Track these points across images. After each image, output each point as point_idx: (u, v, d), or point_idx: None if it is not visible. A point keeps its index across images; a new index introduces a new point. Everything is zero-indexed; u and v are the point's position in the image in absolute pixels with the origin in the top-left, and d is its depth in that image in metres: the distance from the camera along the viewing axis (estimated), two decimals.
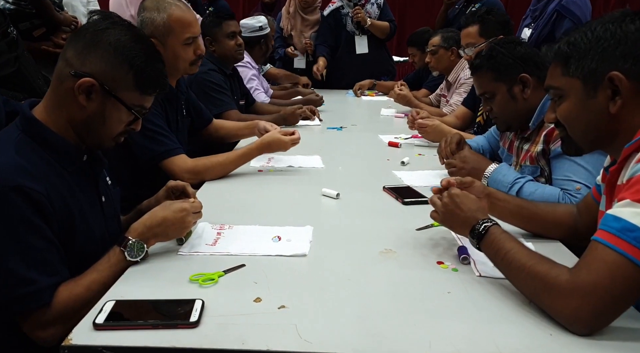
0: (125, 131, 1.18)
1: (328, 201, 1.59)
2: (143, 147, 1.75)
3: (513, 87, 1.61)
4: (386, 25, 4.07)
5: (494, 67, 1.62)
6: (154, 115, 1.77)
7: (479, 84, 1.68)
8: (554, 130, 1.53)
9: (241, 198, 1.60)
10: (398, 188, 1.67)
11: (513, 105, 1.62)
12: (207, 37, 2.70)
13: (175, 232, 1.19)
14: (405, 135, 2.51)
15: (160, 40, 1.77)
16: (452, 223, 1.17)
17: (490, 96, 1.65)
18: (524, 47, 1.62)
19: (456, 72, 3.08)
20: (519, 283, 0.98)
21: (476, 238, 1.07)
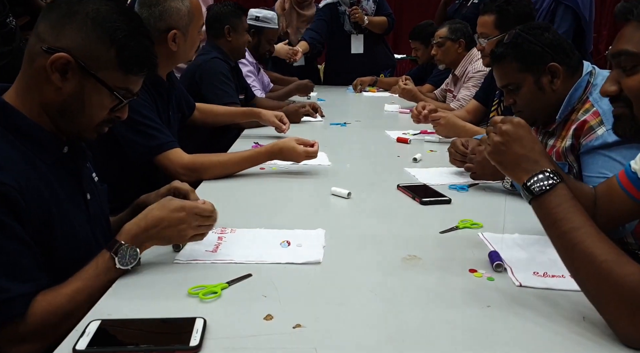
0: (109, 119, 1.03)
1: (339, 201, 1.45)
2: (134, 142, 1.61)
3: (541, 77, 1.46)
4: (384, 20, 3.95)
5: (519, 56, 1.46)
6: (144, 107, 1.63)
7: (502, 74, 1.52)
8: (585, 123, 1.39)
9: (243, 199, 1.46)
10: (414, 187, 1.53)
11: (541, 98, 1.47)
12: (227, 26, 2.61)
13: (174, 236, 1.02)
14: (413, 131, 2.37)
15: (183, 30, 1.66)
16: (504, 159, 0.93)
17: (514, 88, 1.49)
18: (551, 33, 1.47)
19: (463, 65, 2.95)
20: (579, 275, 0.81)
21: (532, 193, 0.87)
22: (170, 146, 1.63)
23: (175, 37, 1.67)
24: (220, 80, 2.47)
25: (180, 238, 1.03)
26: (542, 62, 1.44)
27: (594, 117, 1.39)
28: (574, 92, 1.44)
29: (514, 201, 1.42)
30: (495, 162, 0.96)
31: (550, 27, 1.48)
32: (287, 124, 2.25)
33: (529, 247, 1.13)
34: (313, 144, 1.68)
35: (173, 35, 1.66)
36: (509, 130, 0.94)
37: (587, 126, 1.38)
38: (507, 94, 1.53)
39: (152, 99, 1.71)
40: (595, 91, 1.43)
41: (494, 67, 1.54)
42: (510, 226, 1.25)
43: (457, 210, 1.39)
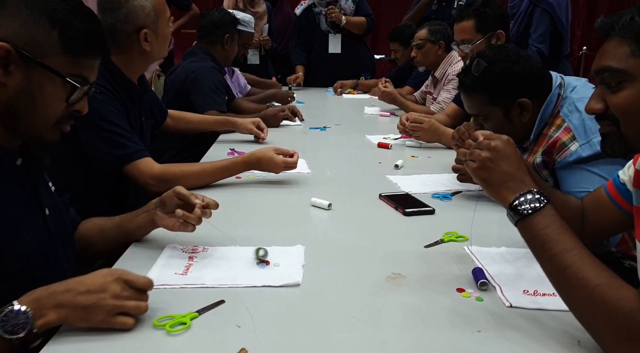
0: (68, 115, 0.95)
1: (319, 213, 1.38)
2: (100, 151, 1.52)
3: (510, 111, 1.40)
4: (362, 20, 3.89)
5: (487, 91, 1.40)
6: (112, 113, 1.54)
7: (471, 105, 1.46)
8: (557, 141, 1.35)
9: (217, 212, 1.37)
10: (396, 196, 1.47)
11: (509, 128, 1.41)
12: (227, 35, 2.56)
13: (89, 306, 0.78)
14: (394, 135, 2.32)
15: (152, 27, 1.58)
16: (490, 177, 0.88)
17: (483, 118, 1.44)
18: (521, 64, 1.39)
19: (443, 67, 2.91)
20: (571, 299, 0.77)
21: (519, 214, 0.83)
22: (139, 155, 1.55)
23: (147, 36, 1.59)
24: (212, 89, 2.42)
25: (96, 310, 0.79)
26: (512, 97, 1.39)
27: (565, 134, 1.35)
28: (546, 108, 1.41)
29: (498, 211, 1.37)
30: (480, 179, 0.91)
31: (520, 57, 1.40)
32: (264, 129, 2.19)
33: (516, 262, 1.09)
34: (292, 153, 1.61)
35: (144, 34, 1.58)
36: (499, 146, 0.89)
37: (560, 143, 1.35)
38: (476, 121, 1.48)
39: (121, 104, 1.62)
40: (566, 104, 1.40)
41: (463, 95, 1.48)
42: (496, 238, 1.21)
43: (441, 220, 1.34)
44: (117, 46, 1.60)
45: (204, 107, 2.34)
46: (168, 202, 1.10)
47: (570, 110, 1.37)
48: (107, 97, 1.55)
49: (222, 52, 2.56)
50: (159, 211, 1.11)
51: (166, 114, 2.04)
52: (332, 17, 3.78)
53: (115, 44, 1.60)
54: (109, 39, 1.63)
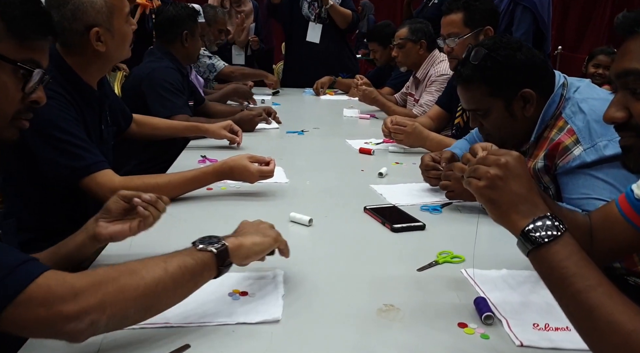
0: (25, 108, 0.89)
1: (299, 230, 1.26)
2: (55, 163, 1.35)
3: (512, 103, 1.30)
4: (349, 12, 3.76)
5: (489, 81, 1.28)
6: (67, 121, 1.38)
7: (469, 98, 1.35)
8: (559, 144, 1.26)
9: (184, 230, 1.23)
10: (383, 210, 1.36)
11: (512, 123, 1.32)
12: (186, 31, 2.35)
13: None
14: (376, 140, 2.21)
15: (105, 26, 1.42)
16: (500, 197, 0.76)
17: (482, 113, 1.33)
18: (524, 53, 1.29)
19: (425, 67, 2.82)
20: (599, 345, 0.65)
21: (532, 242, 0.72)
22: (98, 167, 1.39)
23: (99, 36, 1.43)
24: (169, 91, 2.22)
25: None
26: (514, 87, 1.28)
27: (568, 136, 1.26)
28: (547, 109, 1.31)
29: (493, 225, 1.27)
30: (486, 199, 0.79)
31: (522, 45, 1.31)
32: (238, 132, 2.04)
33: (520, 287, 0.98)
34: (268, 161, 1.48)
35: (95, 33, 1.42)
36: (510, 163, 0.77)
37: (562, 147, 1.25)
38: (474, 117, 1.37)
39: (78, 111, 1.46)
40: (569, 105, 1.30)
41: (459, 88, 1.36)
42: (494, 257, 1.10)
43: (432, 237, 1.23)
44: (69, 46, 1.44)
45: (163, 112, 2.15)
46: (113, 208, 1.01)
47: (573, 112, 1.27)
48: (60, 103, 1.39)
49: (183, 50, 2.37)
50: (102, 221, 1.00)
51: (131, 119, 1.87)
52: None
53: (66, 44, 1.44)
54: (59, 39, 1.48)
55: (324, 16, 3.74)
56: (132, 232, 1.01)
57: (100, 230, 1.00)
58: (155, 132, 1.96)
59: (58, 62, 1.45)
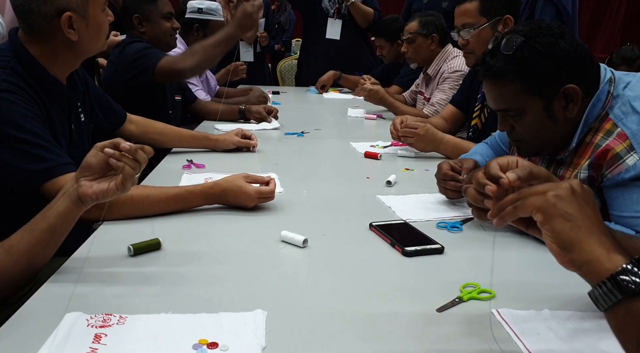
0: None
1: (290, 253, 1.04)
2: (10, 167, 1.16)
3: (553, 102, 1.07)
4: (370, 11, 3.54)
5: (525, 75, 1.06)
6: (27, 118, 1.18)
7: (499, 96, 1.12)
8: (608, 151, 1.03)
9: (145, 257, 1.01)
10: (392, 227, 1.14)
11: (550, 127, 1.09)
12: (137, 15, 2.17)
13: None
14: (383, 143, 1.99)
15: (79, 11, 1.24)
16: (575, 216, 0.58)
17: (516, 114, 1.11)
18: (567, 40, 1.06)
19: (437, 64, 2.60)
20: None
21: (622, 291, 0.52)
22: (62, 170, 1.18)
23: (72, 21, 1.23)
24: (139, 50, 2.04)
25: None
26: (556, 83, 1.05)
27: (619, 142, 1.03)
28: (592, 109, 1.08)
29: (526, 248, 1.05)
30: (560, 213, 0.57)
31: (565, 32, 1.08)
32: (252, 135, 1.86)
33: (571, 338, 0.76)
34: (268, 181, 1.26)
35: (67, 19, 1.23)
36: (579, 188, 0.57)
37: (612, 154, 1.03)
38: (504, 119, 1.15)
39: (42, 107, 1.26)
40: (618, 104, 1.07)
41: (487, 84, 1.13)
42: (530, 291, 0.89)
43: (453, 263, 1.01)
44: (34, 32, 1.24)
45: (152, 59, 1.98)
46: (94, 162, 0.90)
47: (624, 112, 1.04)
48: (18, 97, 1.19)
49: (143, 36, 2.18)
50: (84, 180, 0.90)
51: (121, 119, 1.67)
52: None
53: (32, 30, 1.24)
54: (23, 24, 1.27)
55: (344, 12, 3.53)
56: (119, 189, 0.89)
57: (84, 190, 0.89)
58: (160, 138, 1.76)
59: (19, 51, 1.25)
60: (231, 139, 1.83)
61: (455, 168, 1.31)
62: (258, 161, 1.75)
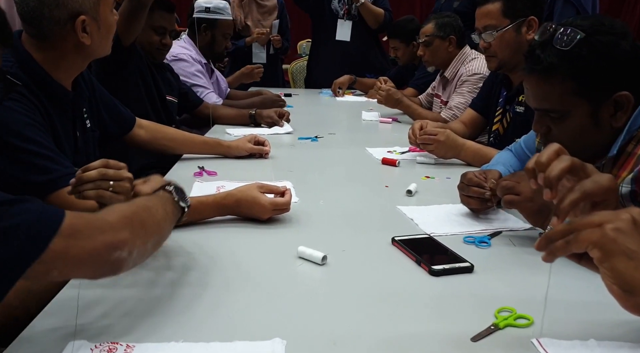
0: None
1: (309, 271, 0.97)
2: (14, 178, 1.11)
3: (601, 107, 0.99)
4: (380, 11, 3.48)
5: (579, 75, 0.97)
6: (29, 127, 1.13)
7: (544, 94, 1.03)
8: None
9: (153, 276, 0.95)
10: (416, 243, 1.07)
11: (592, 133, 1.02)
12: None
13: None
14: (401, 149, 1.92)
15: (92, 14, 1.20)
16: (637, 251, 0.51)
17: (557, 116, 1.03)
18: (629, 42, 0.98)
19: (455, 66, 2.52)
20: None
21: None
22: (66, 181, 1.13)
23: (85, 25, 1.19)
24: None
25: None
26: (610, 88, 0.97)
27: None
28: (637, 117, 1.00)
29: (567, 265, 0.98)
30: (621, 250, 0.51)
31: (627, 32, 0.99)
32: (265, 141, 1.80)
33: None
34: (283, 191, 1.20)
35: (82, 22, 1.18)
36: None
37: None
38: (541, 119, 1.07)
39: (45, 115, 1.21)
40: None
41: (534, 80, 1.04)
42: (574, 317, 0.81)
43: (485, 284, 0.94)
44: (44, 39, 1.20)
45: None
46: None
47: None
48: (22, 105, 1.14)
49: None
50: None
51: (131, 124, 1.61)
52: None
53: (41, 35, 1.19)
54: (31, 29, 1.22)
55: (354, 13, 3.47)
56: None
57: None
58: (170, 143, 1.71)
59: (22, 57, 1.21)
60: (244, 145, 1.77)
61: (480, 178, 1.24)
62: (272, 168, 1.68)
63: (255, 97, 2.72)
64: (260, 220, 1.18)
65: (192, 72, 2.48)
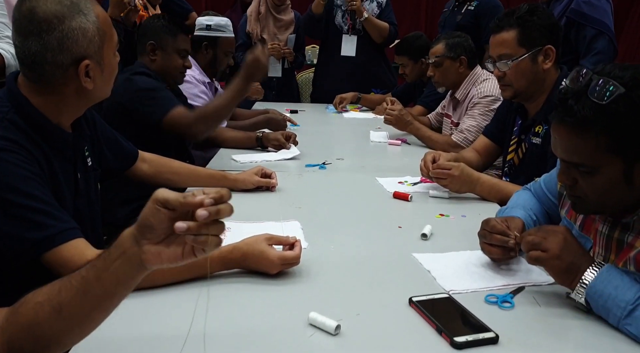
0: None
1: (321, 341, 0.91)
2: (9, 236, 1.05)
3: (635, 165, 0.93)
4: (385, 26, 3.42)
5: (615, 132, 0.90)
6: (24, 179, 1.07)
7: (575, 148, 0.95)
8: None
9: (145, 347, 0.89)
10: (435, 305, 1.00)
11: (621, 190, 0.95)
12: (152, 42, 2.06)
13: None
14: (412, 179, 1.85)
15: (96, 58, 1.14)
16: None
17: (587, 171, 0.96)
18: None
19: (466, 87, 2.45)
20: None
21: None
22: (65, 237, 1.07)
23: (89, 69, 1.13)
24: (152, 90, 1.95)
25: None
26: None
27: None
28: None
29: (596, 333, 0.91)
30: None
31: None
32: (272, 174, 1.75)
33: None
34: (294, 243, 1.14)
35: (85, 67, 1.12)
36: None
37: None
38: (569, 171, 1.00)
39: (42, 164, 1.15)
40: None
41: (564, 132, 0.96)
42: None
43: None
44: (45, 83, 1.14)
45: (159, 112, 1.89)
46: (156, 223, 0.69)
47: None
48: (16, 156, 1.08)
49: (152, 64, 2.07)
50: (148, 245, 0.71)
51: (134, 158, 1.56)
52: (352, 6, 3.28)
53: (41, 79, 1.13)
54: (31, 74, 1.12)
55: (358, 27, 3.42)
56: (199, 255, 0.72)
57: (150, 258, 0.71)
58: (174, 177, 1.66)
59: (19, 100, 1.15)
60: (251, 178, 1.71)
61: (503, 226, 1.17)
62: (279, 204, 1.62)
63: (260, 117, 2.66)
64: (269, 274, 1.12)
65: (195, 93, 2.42)
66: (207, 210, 0.66)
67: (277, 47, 3.49)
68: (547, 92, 1.70)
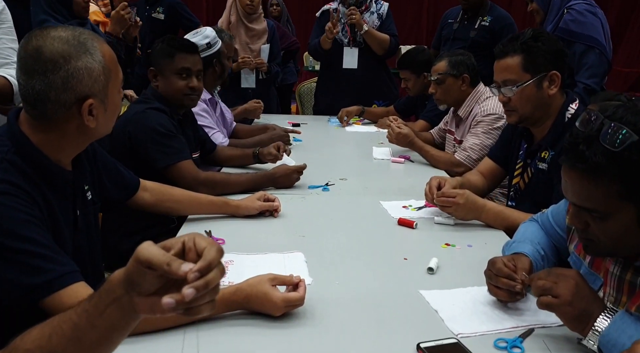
0: None
1: None
2: (7, 282, 1.03)
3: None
4: (386, 37, 3.40)
5: (628, 179, 0.89)
6: (22, 222, 1.06)
7: (587, 194, 0.94)
8: None
9: None
10: (443, 352, 0.98)
11: (633, 236, 0.93)
12: (151, 69, 2.01)
13: None
14: (416, 203, 1.83)
15: (100, 96, 1.12)
16: None
17: (600, 216, 0.94)
18: None
19: (469, 105, 2.43)
20: None
21: None
22: (64, 282, 1.05)
23: (92, 108, 1.11)
24: (164, 135, 1.88)
25: None
26: None
27: None
28: None
29: None
30: None
31: None
32: (275, 199, 1.73)
33: None
34: (297, 283, 1.12)
35: (89, 106, 1.10)
36: None
37: None
38: (580, 215, 0.98)
39: (41, 205, 1.12)
40: None
41: (576, 177, 0.94)
42: None
43: None
44: (46, 121, 1.12)
45: (164, 160, 1.85)
46: (143, 282, 0.67)
47: None
48: (15, 199, 1.06)
49: (157, 91, 2.01)
50: (139, 297, 0.69)
51: (135, 188, 1.53)
52: (352, 19, 3.26)
53: (45, 117, 1.11)
54: (33, 111, 1.09)
55: (359, 40, 3.40)
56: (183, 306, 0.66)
57: (143, 307, 0.68)
58: (176, 206, 1.64)
59: (19, 139, 1.12)
60: (253, 204, 1.69)
61: (509, 267, 1.15)
62: (282, 233, 1.60)
63: (262, 135, 2.64)
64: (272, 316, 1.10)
65: (197, 112, 2.40)
66: (194, 286, 0.62)
67: (248, 60, 3.41)
68: (553, 117, 1.68)
